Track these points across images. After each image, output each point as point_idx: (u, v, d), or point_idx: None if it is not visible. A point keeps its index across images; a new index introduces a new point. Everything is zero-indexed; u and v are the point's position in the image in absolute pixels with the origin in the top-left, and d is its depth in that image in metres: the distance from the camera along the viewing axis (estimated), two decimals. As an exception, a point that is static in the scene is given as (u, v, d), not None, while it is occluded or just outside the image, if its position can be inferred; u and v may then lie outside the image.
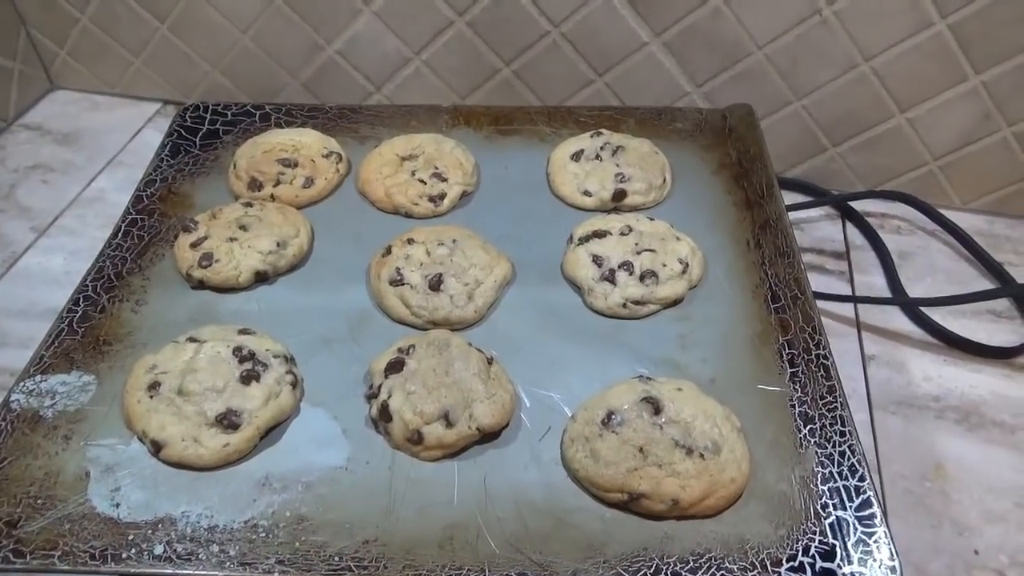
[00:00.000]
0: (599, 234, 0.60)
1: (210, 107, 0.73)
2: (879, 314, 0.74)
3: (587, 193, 0.65)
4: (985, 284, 0.77)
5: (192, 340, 0.52)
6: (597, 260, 0.58)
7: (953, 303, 0.69)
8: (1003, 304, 0.74)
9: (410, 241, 0.59)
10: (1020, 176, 0.80)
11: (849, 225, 0.84)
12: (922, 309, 0.72)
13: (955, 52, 0.73)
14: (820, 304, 0.72)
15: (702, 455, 0.46)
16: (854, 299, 0.74)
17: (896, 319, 0.73)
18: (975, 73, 0.74)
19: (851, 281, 0.78)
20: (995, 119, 0.76)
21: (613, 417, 0.48)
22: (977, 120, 0.77)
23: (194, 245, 0.59)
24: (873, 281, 0.78)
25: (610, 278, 0.57)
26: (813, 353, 0.52)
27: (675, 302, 0.57)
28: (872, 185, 0.85)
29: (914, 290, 0.76)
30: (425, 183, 0.65)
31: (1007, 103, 0.75)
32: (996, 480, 0.61)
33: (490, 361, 0.52)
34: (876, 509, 0.44)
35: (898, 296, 0.75)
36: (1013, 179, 0.81)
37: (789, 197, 0.84)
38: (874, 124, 0.80)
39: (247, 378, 0.50)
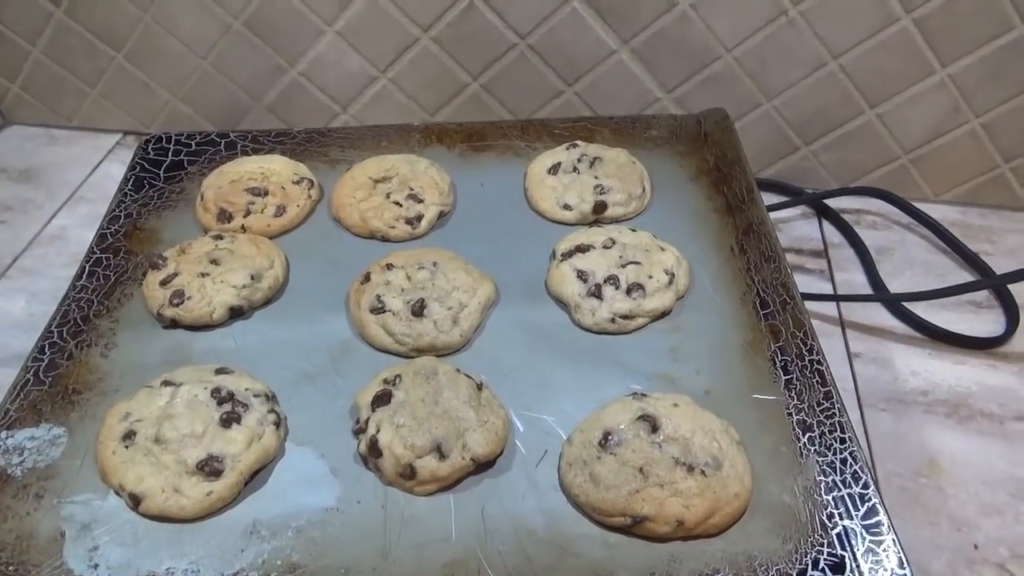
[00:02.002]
0: (582, 248, 0.59)
1: (173, 137, 0.71)
2: (862, 311, 0.74)
3: (567, 207, 0.64)
4: (962, 274, 0.77)
5: (167, 383, 0.50)
6: (582, 275, 0.57)
7: (935, 297, 0.69)
8: (983, 294, 0.75)
9: (389, 266, 0.58)
10: (990, 166, 0.81)
11: (825, 223, 0.84)
12: (904, 304, 0.72)
13: (921, 46, 0.73)
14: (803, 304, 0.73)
15: (703, 472, 0.45)
16: (836, 298, 0.74)
17: (879, 315, 0.73)
18: (942, 66, 0.74)
19: (832, 279, 0.77)
20: (963, 111, 0.77)
21: (610, 438, 0.47)
22: (946, 112, 0.78)
23: (164, 283, 0.57)
24: (853, 278, 0.78)
25: (597, 293, 0.56)
26: (806, 359, 0.52)
27: (663, 314, 0.56)
28: (846, 182, 0.85)
29: (893, 284, 0.76)
30: (401, 205, 0.63)
31: (974, 95, 0.76)
32: (989, 472, 0.61)
33: (480, 387, 0.50)
34: (883, 516, 0.44)
35: (879, 292, 0.75)
36: (983, 169, 0.81)
37: (764, 198, 0.83)
38: (845, 121, 0.80)
39: (227, 421, 0.48)
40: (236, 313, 0.57)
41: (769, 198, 0.83)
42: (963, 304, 0.74)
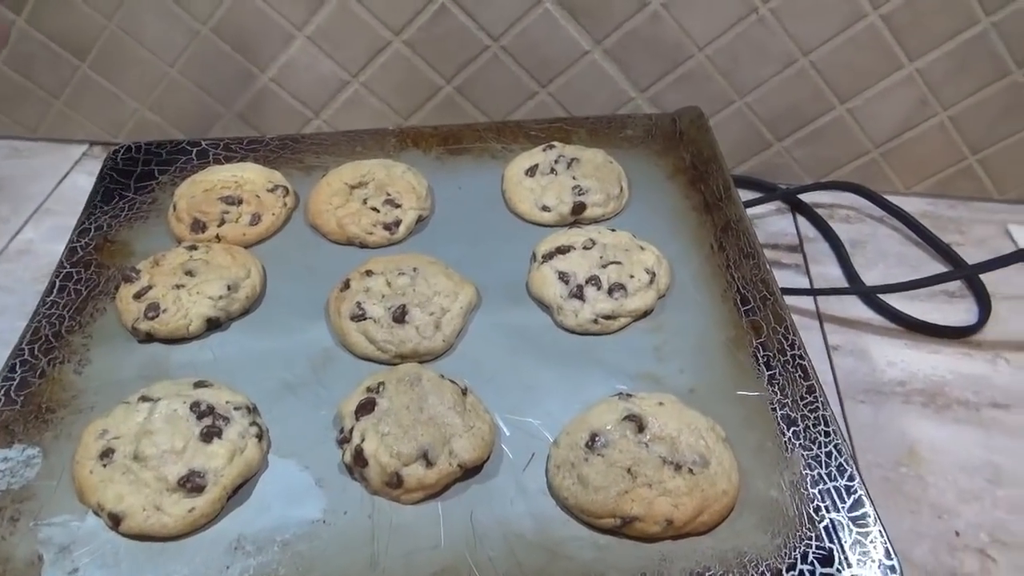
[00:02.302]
0: (562, 250, 0.59)
1: (142, 147, 0.69)
2: (838, 304, 0.74)
3: (545, 208, 0.64)
4: (935, 265, 0.78)
5: (144, 399, 0.49)
6: (563, 277, 0.57)
7: (909, 288, 0.69)
8: (955, 284, 0.76)
9: (368, 273, 0.57)
10: (958, 158, 0.82)
11: (800, 218, 0.84)
12: (879, 296, 0.73)
13: (889, 41, 0.74)
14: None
15: (691, 470, 0.45)
16: (813, 292, 0.74)
17: (855, 307, 0.74)
18: (909, 61, 0.76)
19: (808, 273, 0.78)
20: (931, 104, 0.78)
21: (597, 439, 0.47)
22: (914, 106, 0.79)
23: (138, 296, 0.55)
24: (828, 271, 0.79)
25: (579, 294, 0.56)
26: (788, 354, 0.52)
27: (645, 313, 0.56)
28: (818, 177, 0.86)
29: (868, 276, 0.77)
30: (378, 211, 0.63)
31: (941, 88, 0.77)
32: (967, 459, 0.62)
33: (464, 392, 0.50)
34: (869, 508, 0.44)
35: (855, 285, 0.76)
36: (951, 161, 0.83)
37: (739, 194, 0.84)
38: (816, 117, 0.81)
39: (208, 435, 0.47)
40: (213, 325, 0.56)
41: (744, 194, 0.83)
42: (936, 294, 0.75)
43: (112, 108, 0.89)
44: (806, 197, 0.84)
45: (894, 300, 0.73)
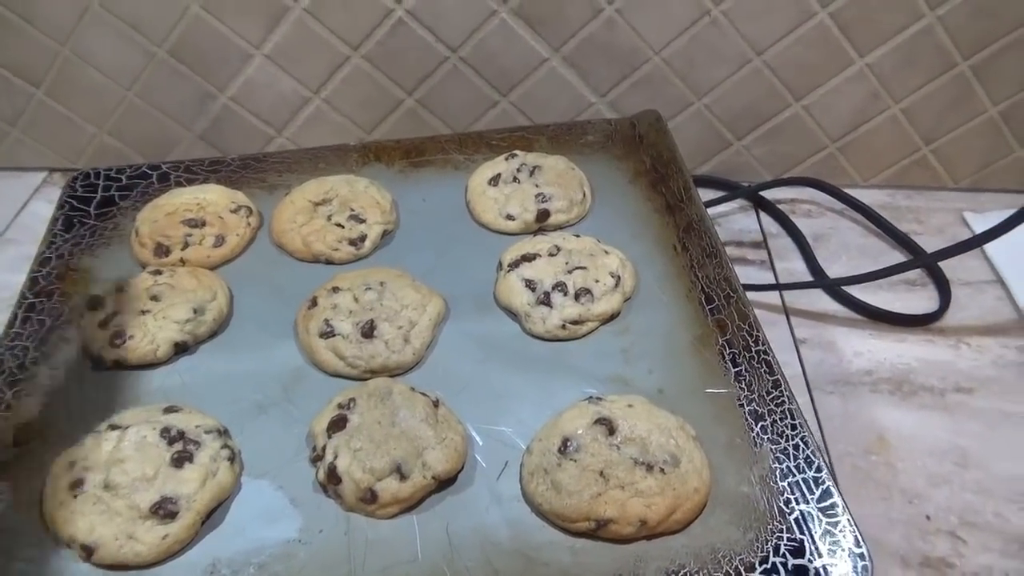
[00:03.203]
0: (528, 257, 0.59)
1: (101, 172, 0.68)
2: (804, 298, 0.76)
3: (510, 217, 0.64)
4: (896, 255, 0.80)
5: (113, 427, 0.49)
6: (530, 284, 0.57)
7: (871, 279, 0.71)
8: (916, 273, 0.78)
9: (335, 289, 0.57)
10: (912, 149, 0.84)
11: (763, 214, 0.86)
12: (843, 287, 0.74)
13: (838, 38, 0.76)
14: (748, 295, 0.74)
15: (663, 470, 0.46)
16: (779, 287, 0.76)
17: (820, 300, 0.76)
18: (859, 56, 0.77)
19: (772, 268, 0.80)
20: (883, 98, 0.80)
21: (569, 444, 0.47)
22: (867, 100, 0.81)
23: (103, 324, 0.55)
24: (793, 266, 0.80)
25: (546, 301, 0.56)
26: (753, 350, 0.53)
27: (612, 316, 0.57)
28: (779, 173, 0.88)
29: (831, 269, 0.78)
30: (343, 226, 0.63)
31: (892, 81, 0.79)
32: (934, 444, 0.63)
33: (436, 404, 0.50)
34: (837, 498, 0.45)
35: (819, 278, 0.77)
36: (906, 152, 0.85)
37: (702, 194, 0.84)
38: (773, 115, 0.83)
39: (179, 460, 0.46)
40: (181, 349, 0.55)
41: (707, 194, 0.85)
42: (898, 284, 0.77)
43: (70, 134, 0.88)
44: (767, 194, 0.86)
45: (858, 291, 0.74)
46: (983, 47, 0.75)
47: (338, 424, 0.48)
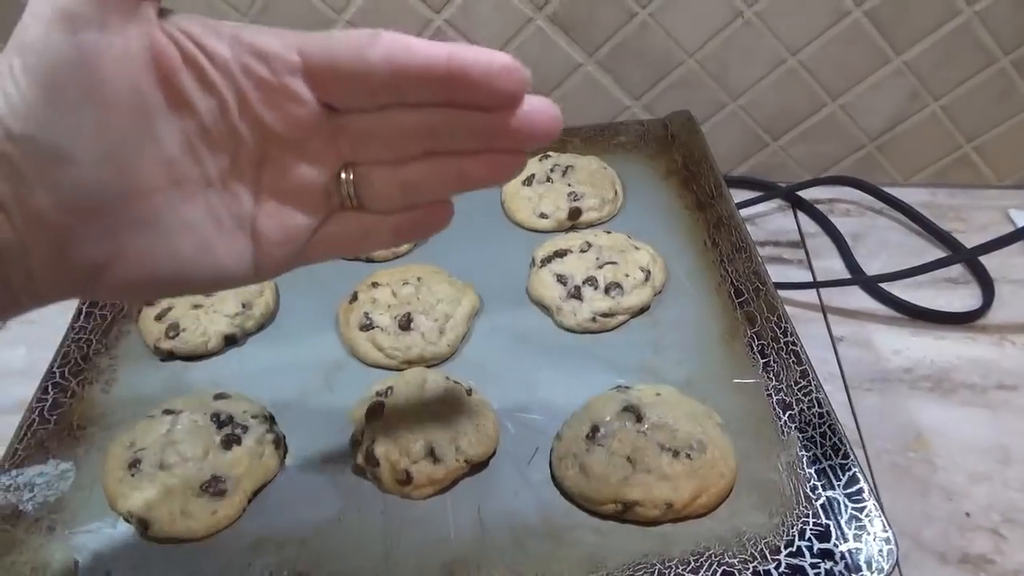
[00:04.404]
0: (560, 253, 0.61)
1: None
2: (841, 296, 0.75)
3: (543, 215, 0.66)
4: (937, 253, 0.79)
5: (167, 412, 0.52)
6: (561, 279, 0.59)
7: (909, 275, 0.70)
8: (957, 270, 0.77)
9: (375, 285, 0.60)
10: (954, 147, 0.83)
11: (800, 214, 0.86)
12: (882, 285, 0.74)
13: (874, 36, 0.76)
14: (785, 293, 0.74)
15: (689, 455, 0.47)
16: (815, 284, 0.76)
17: (858, 299, 0.75)
18: (896, 54, 0.77)
19: (810, 267, 0.79)
20: (922, 96, 0.80)
21: (598, 430, 0.48)
22: (905, 98, 0.80)
23: (159, 317, 0.58)
24: (831, 265, 0.80)
25: (576, 295, 0.58)
26: (782, 341, 0.54)
27: (642, 310, 0.58)
28: (817, 173, 0.87)
29: (871, 268, 0.77)
30: (383, 226, 0.65)
31: (930, 79, 0.78)
32: (976, 441, 0.62)
33: (469, 392, 0.52)
34: (863, 484, 0.45)
35: (856, 275, 0.77)
36: (947, 151, 0.84)
37: (740, 194, 0.86)
38: (809, 115, 0.83)
39: (228, 442, 0.49)
40: (230, 341, 0.58)
41: (744, 194, 0.86)
42: (940, 281, 0.76)
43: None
44: (805, 194, 0.86)
45: (898, 290, 0.73)
46: (1024, 42, 0.75)
47: (376, 411, 0.50)
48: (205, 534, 0.46)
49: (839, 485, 0.46)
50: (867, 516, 0.44)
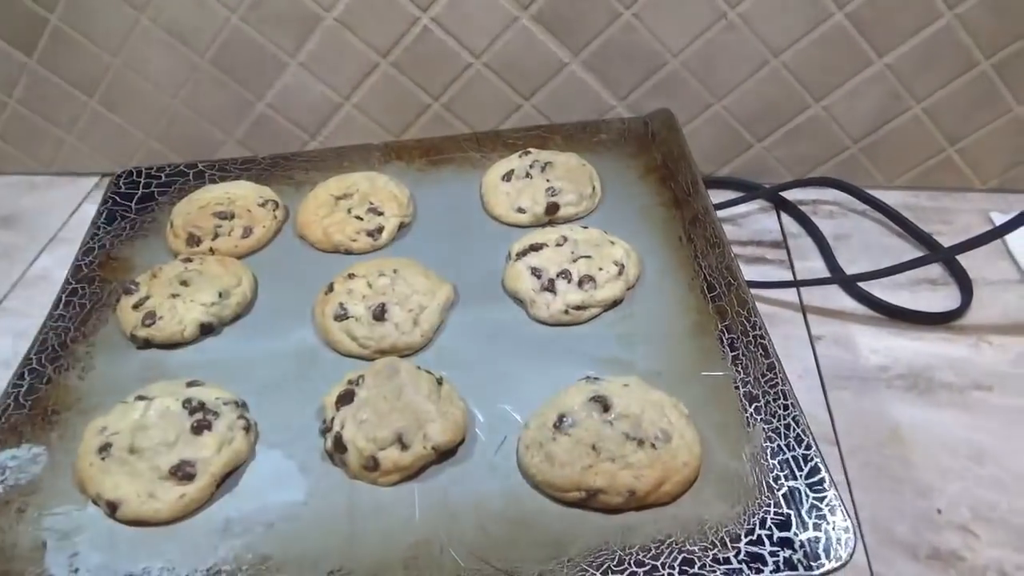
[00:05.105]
0: (535, 247, 0.61)
1: (143, 171, 0.73)
2: (821, 295, 0.76)
3: (521, 210, 0.67)
4: (918, 255, 0.79)
5: (141, 398, 0.52)
6: (536, 272, 0.59)
7: (887, 274, 0.71)
8: (937, 271, 0.77)
9: (351, 276, 0.60)
10: (936, 149, 0.84)
11: (784, 215, 0.86)
12: (861, 286, 0.74)
13: (856, 39, 0.76)
14: (765, 292, 0.75)
15: (653, 444, 0.47)
16: (796, 283, 0.76)
17: (838, 299, 0.75)
18: (878, 56, 0.77)
19: (792, 268, 0.80)
20: (904, 98, 0.80)
21: (564, 419, 0.49)
22: (888, 101, 0.81)
23: (136, 306, 0.59)
24: (813, 266, 0.80)
25: (550, 287, 0.58)
26: (751, 335, 0.54)
27: (615, 303, 0.59)
28: (800, 174, 0.88)
29: (852, 270, 0.77)
30: (362, 219, 0.66)
31: (913, 81, 0.79)
32: (949, 439, 0.62)
33: (440, 381, 0.52)
34: (825, 475, 0.46)
35: (836, 275, 0.77)
36: (930, 153, 0.84)
37: (723, 194, 0.86)
38: (793, 116, 0.83)
39: (199, 428, 0.50)
40: (207, 330, 0.59)
41: (727, 194, 0.86)
42: (919, 282, 0.76)
43: (120, 140, 0.93)
44: (789, 194, 0.86)
45: (877, 290, 0.74)
46: (1005, 45, 0.75)
47: (346, 398, 0.51)
48: (172, 517, 0.47)
49: (801, 476, 0.46)
50: (827, 506, 0.44)
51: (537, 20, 0.79)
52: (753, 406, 0.50)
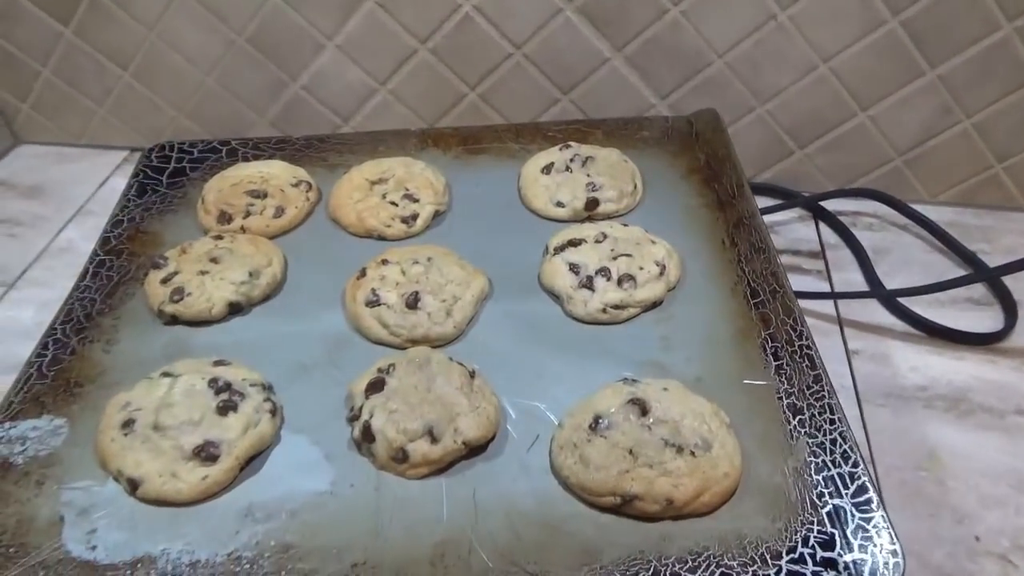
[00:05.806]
0: (574, 243, 0.60)
1: (176, 145, 0.72)
2: (859, 309, 0.74)
3: (559, 204, 0.65)
4: (960, 273, 0.77)
5: (166, 375, 0.51)
6: (574, 268, 0.58)
7: (928, 292, 0.69)
8: (980, 291, 0.75)
9: (384, 262, 0.59)
10: (984, 166, 0.82)
11: (822, 225, 0.84)
12: (902, 302, 0.72)
13: (909, 48, 0.74)
14: (801, 303, 0.72)
15: (693, 452, 0.45)
16: (833, 295, 0.74)
17: (877, 313, 0.74)
18: (931, 67, 0.75)
19: (829, 279, 0.78)
20: (954, 111, 0.78)
21: (600, 421, 0.47)
22: (937, 113, 0.78)
23: (164, 281, 0.58)
24: (851, 278, 0.78)
25: (588, 285, 0.57)
26: (796, 344, 0.52)
27: (655, 304, 0.57)
28: (841, 184, 0.86)
29: (891, 284, 0.76)
30: (397, 205, 0.65)
31: (964, 95, 0.77)
32: (990, 465, 0.60)
33: (472, 375, 0.51)
34: (872, 494, 0.44)
35: (876, 289, 0.75)
36: (977, 170, 0.82)
37: (761, 201, 0.83)
38: (838, 124, 0.81)
39: (224, 409, 0.48)
40: (235, 309, 0.58)
41: (765, 201, 0.84)
42: (961, 301, 0.74)
43: (152, 116, 0.93)
44: (828, 204, 0.84)
45: (918, 307, 0.72)
46: (1062, 62, 0.73)
47: (376, 386, 0.49)
48: (194, 498, 0.45)
49: (847, 494, 0.44)
50: (874, 527, 0.42)
51: (582, 12, 0.78)
52: (797, 418, 0.48)
